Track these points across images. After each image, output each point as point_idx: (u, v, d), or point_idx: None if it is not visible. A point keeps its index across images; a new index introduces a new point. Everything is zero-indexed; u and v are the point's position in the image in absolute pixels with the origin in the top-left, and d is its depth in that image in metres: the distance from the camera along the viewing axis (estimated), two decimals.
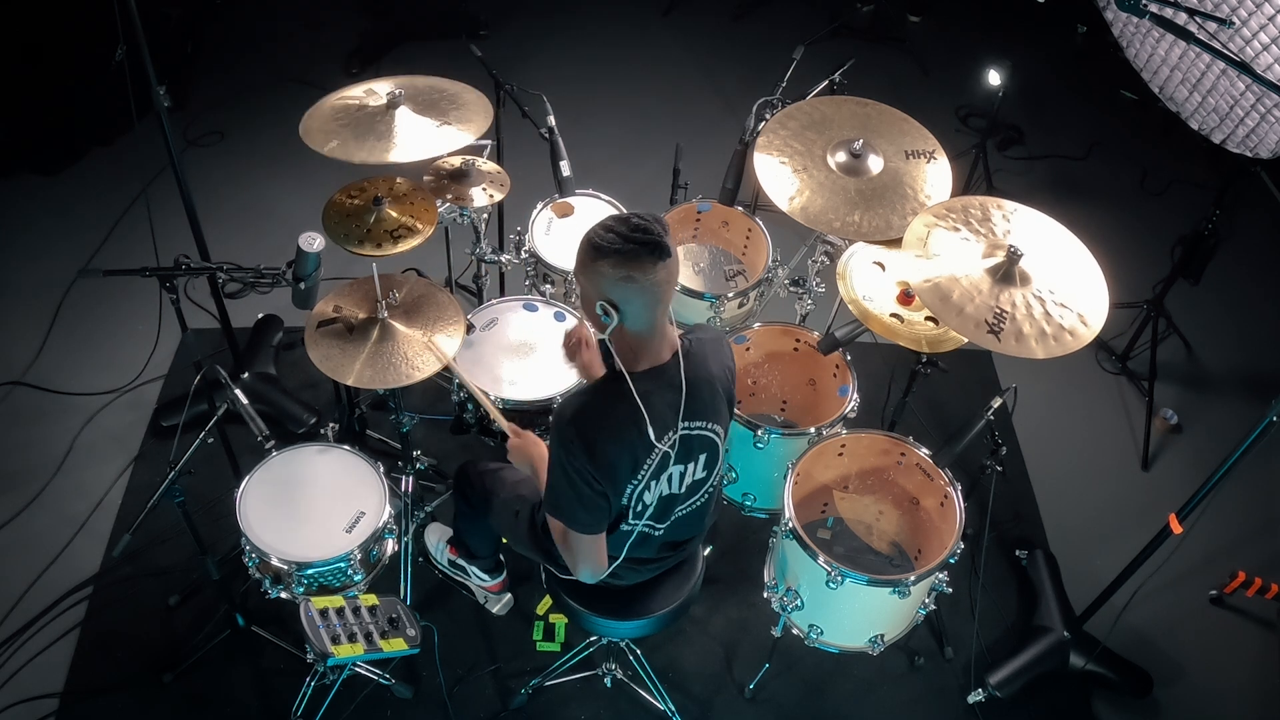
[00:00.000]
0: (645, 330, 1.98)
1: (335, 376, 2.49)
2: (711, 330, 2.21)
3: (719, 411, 2.14)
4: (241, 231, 3.93)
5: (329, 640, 2.26)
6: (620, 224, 1.90)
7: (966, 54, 4.65)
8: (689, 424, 2.07)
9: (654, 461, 2.07)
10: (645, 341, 2.00)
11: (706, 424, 2.12)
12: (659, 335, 2.01)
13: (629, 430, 2.00)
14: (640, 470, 2.06)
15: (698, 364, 2.08)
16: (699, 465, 2.17)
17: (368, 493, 2.63)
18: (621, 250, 1.87)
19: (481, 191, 2.95)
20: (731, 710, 2.88)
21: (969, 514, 2.64)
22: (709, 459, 2.18)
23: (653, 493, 2.14)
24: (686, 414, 2.05)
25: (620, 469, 2.04)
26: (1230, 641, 3.14)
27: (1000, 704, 2.89)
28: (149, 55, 2.61)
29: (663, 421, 2.03)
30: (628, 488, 2.08)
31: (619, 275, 1.89)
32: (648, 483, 2.10)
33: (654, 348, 2.02)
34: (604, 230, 1.91)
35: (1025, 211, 2.63)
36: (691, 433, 2.09)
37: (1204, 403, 3.73)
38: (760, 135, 2.85)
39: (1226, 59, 2.27)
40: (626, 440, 2.01)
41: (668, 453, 2.07)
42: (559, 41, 4.95)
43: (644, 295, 1.91)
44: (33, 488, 3.22)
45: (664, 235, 1.89)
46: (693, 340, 2.11)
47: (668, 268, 1.91)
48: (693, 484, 2.19)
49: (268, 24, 4.90)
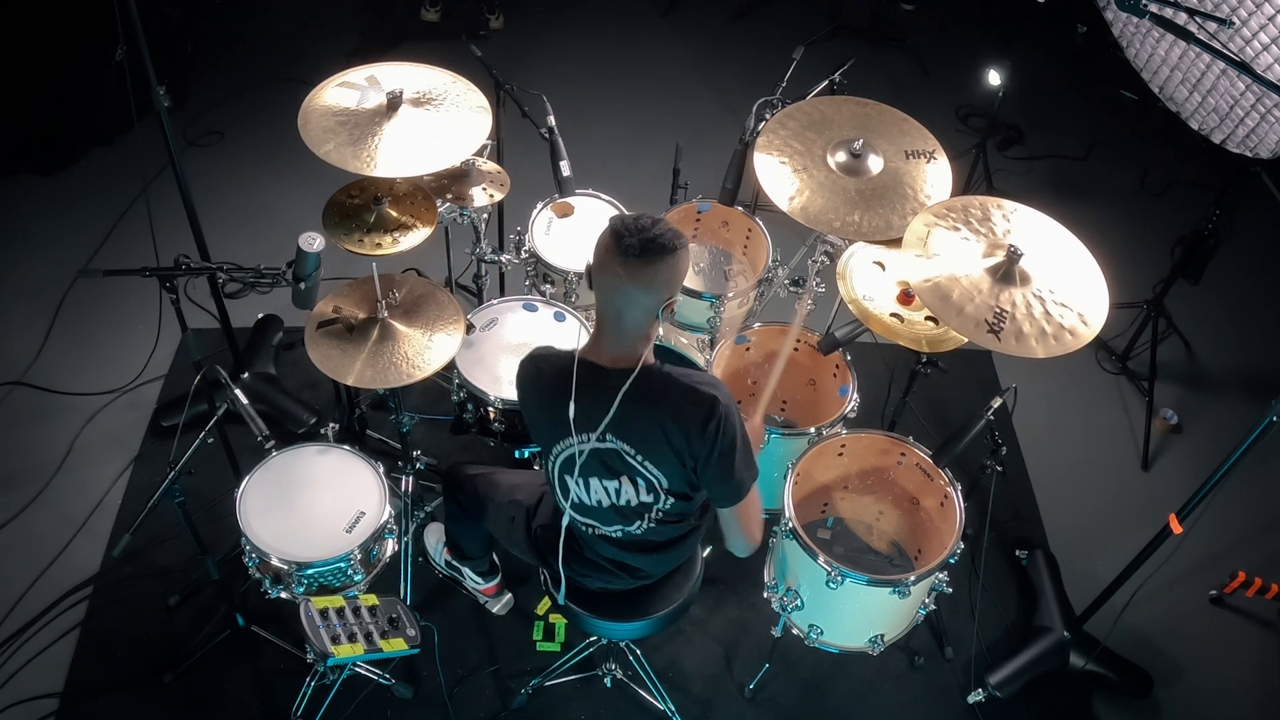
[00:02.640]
0: (602, 323, 2.00)
1: (335, 376, 2.49)
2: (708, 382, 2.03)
3: (652, 449, 2.03)
4: (241, 231, 3.93)
5: (329, 640, 2.26)
6: (639, 219, 1.91)
7: (966, 54, 4.65)
8: (610, 438, 2.03)
9: (568, 448, 2.08)
10: (600, 332, 2.01)
11: (634, 452, 2.04)
12: (610, 336, 1.99)
13: (554, 399, 2.02)
14: (555, 446, 2.10)
15: (650, 390, 1.99)
16: (620, 488, 2.10)
17: (368, 493, 2.63)
18: (619, 242, 1.89)
19: (481, 191, 2.95)
20: (731, 710, 2.88)
21: (969, 514, 2.64)
22: (631, 488, 2.10)
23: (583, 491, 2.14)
24: (612, 426, 2.01)
25: (537, 426, 2.11)
26: (1230, 641, 3.14)
27: (1000, 704, 2.89)
28: (149, 55, 2.61)
29: (588, 415, 2.02)
30: (548, 458, 2.14)
31: (602, 261, 1.92)
32: (569, 470, 2.11)
33: (605, 346, 2.01)
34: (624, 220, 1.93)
35: (1025, 211, 2.63)
36: (611, 448, 2.05)
37: (1204, 403, 3.73)
38: (760, 135, 2.85)
39: (1226, 59, 2.27)
40: (547, 406, 2.05)
41: (592, 452, 2.06)
42: (559, 41, 4.95)
43: (612, 288, 1.93)
44: (33, 488, 3.22)
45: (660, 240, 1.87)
46: (669, 372, 2.02)
47: (649, 274, 1.89)
48: (611, 506, 2.14)
49: (268, 24, 4.90)
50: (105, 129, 4.23)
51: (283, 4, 5.01)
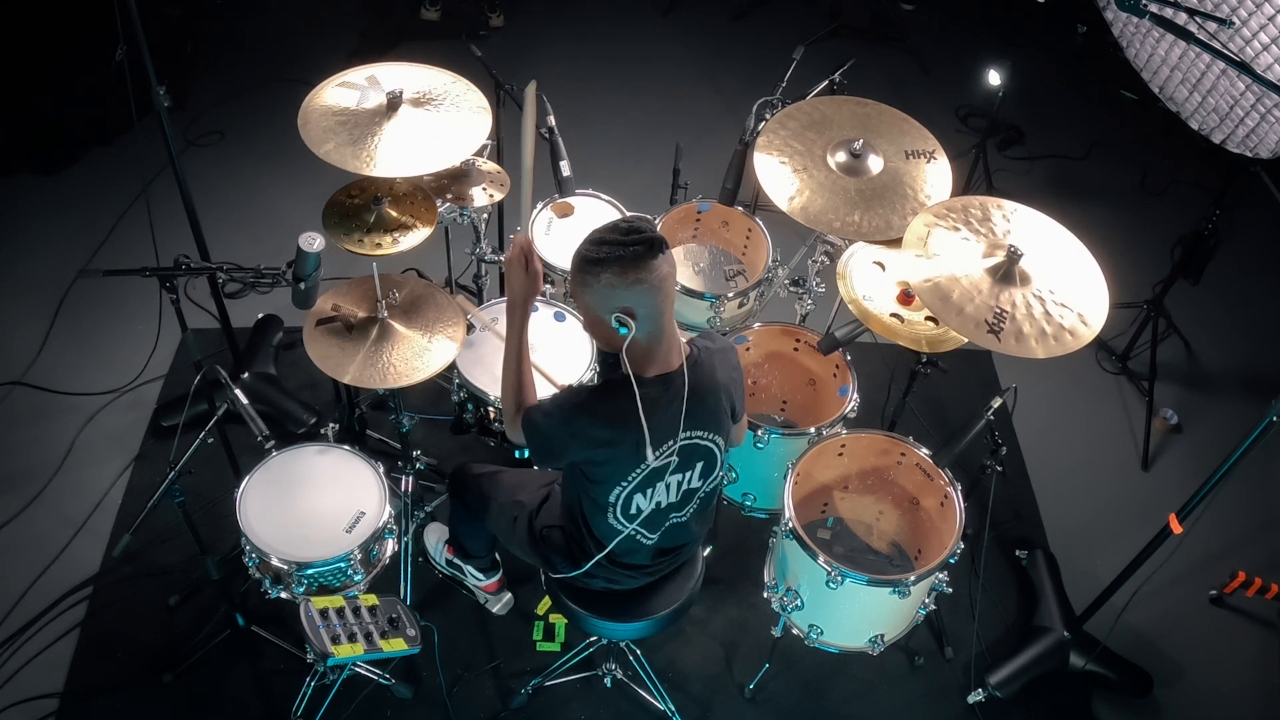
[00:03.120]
0: (654, 334, 1.98)
1: (335, 375, 2.49)
2: (718, 339, 2.20)
3: (720, 421, 2.14)
4: (241, 231, 3.93)
5: (329, 640, 2.26)
6: (611, 233, 1.91)
7: (966, 54, 4.65)
8: (690, 433, 2.08)
9: (645, 470, 2.07)
10: (654, 348, 2.00)
11: (707, 434, 2.12)
12: (667, 340, 2.01)
13: (625, 438, 2.00)
14: (629, 476, 2.07)
15: (704, 372, 2.08)
16: (695, 474, 2.17)
17: (368, 493, 2.63)
18: (623, 256, 1.88)
19: (481, 191, 2.95)
20: (731, 710, 2.88)
21: (969, 514, 2.64)
22: (705, 468, 2.18)
23: (647, 499, 2.14)
24: (689, 423, 2.05)
25: (607, 468, 2.07)
26: (1230, 641, 3.14)
27: (1000, 704, 2.89)
28: (149, 55, 2.61)
29: (662, 433, 2.03)
30: (616, 488, 2.09)
31: (628, 281, 1.89)
32: (641, 489, 2.11)
33: (662, 354, 2.02)
34: (596, 244, 1.91)
35: (1025, 211, 2.63)
36: (692, 441, 2.10)
37: (1204, 403, 3.73)
38: (760, 135, 2.85)
39: (1226, 59, 2.27)
40: (621, 446, 2.02)
41: (665, 463, 2.08)
42: (559, 42, 4.95)
43: (654, 294, 1.92)
44: (33, 488, 3.22)
45: (655, 231, 1.92)
46: (700, 348, 2.11)
47: (669, 260, 1.93)
48: (687, 492, 2.19)
49: (268, 24, 4.90)
50: (105, 129, 4.23)
51: (283, 4, 5.01)
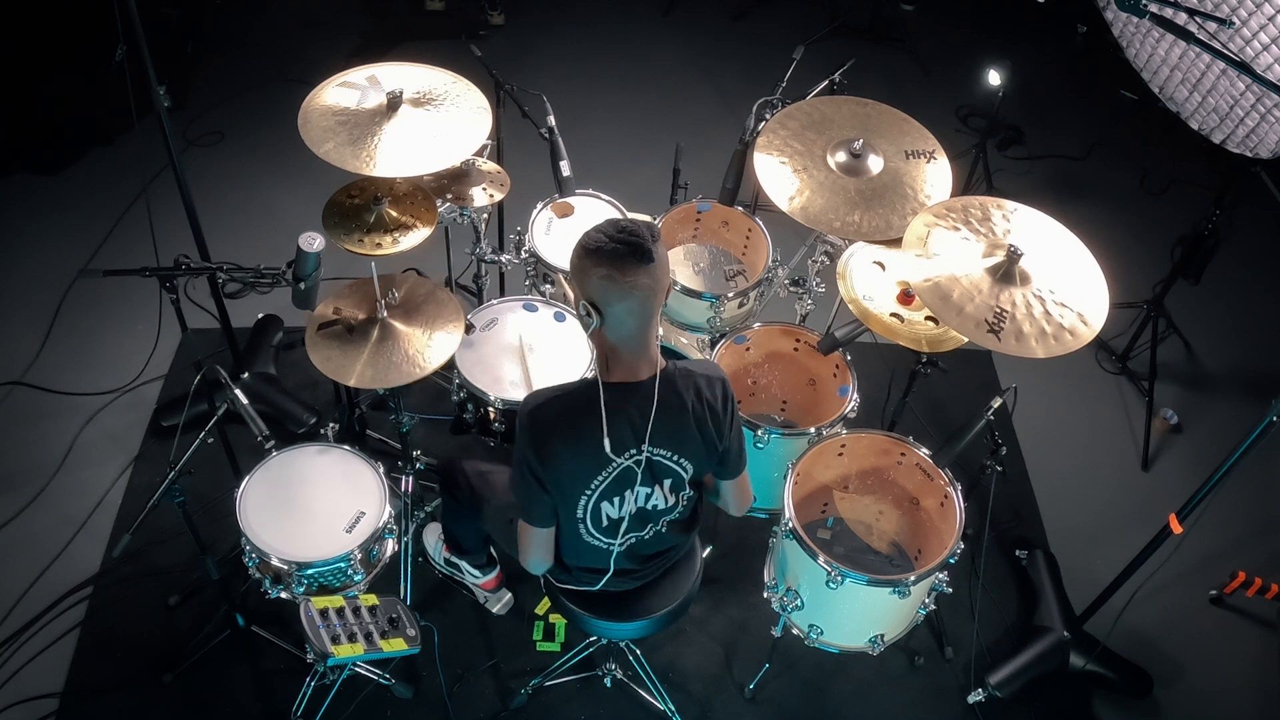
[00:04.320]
0: (625, 340, 1.97)
1: (336, 377, 2.49)
2: (711, 367, 2.15)
3: (684, 445, 2.09)
4: (241, 231, 3.93)
5: (329, 640, 2.26)
6: (610, 226, 1.93)
7: (966, 54, 4.65)
8: (653, 449, 2.06)
9: (610, 475, 2.06)
10: (622, 353, 1.99)
11: (670, 455, 2.09)
12: (639, 351, 2.00)
13: (586, 439, 2.00)
14: (594, 481, 2.07)
15: (671, 391, 2.04)
16: (665, 491, 2.15)
17: (368, 493, 2.63)
18: (605, 249, 1.89)
19: (481, 191, 2.95)
20: (731, 710, 2.88)
21: (969, 514, 2.64)
22: (674, 486, 2.16)
23: (616, 509, 2.13)
24: (654, 438, 2.04)
25: (569, 474, 2.05)
26: (1230, 641, 3.14)
27: (1000, 704, 2.89)
28: (149, 55, 2.61)
29: (622, 438, 2.02)
30: (581, 498, 2.09)
31: (600, 274, 1.90)
32: (608, 497, 2.10)
33: (630, 362, 2.00)
34: (595, 231, 1.93)
35: (1025, 211, 2.63)
36: (655, 458, 2.08)
37: (1204, 403, 3.73)
38: (760, 135, 2.85)
39: (1226, 59, 2.27)
40: (582, 448, 2.01)
41: (630, 468, 2.06)
42: (559, 41, 4.95)
43: (625, 299, 1.91)
44: (33, 488, 3.22)
45: (650, 242, 1.90)
46: (677, 369, 2.07)
47: (650, 274, 1.90)
48: (657, 509, 2.18)
49: (268, 24, 4.91)
50: (105, 129, 4.23)
51: (283, 4, 5.01)
